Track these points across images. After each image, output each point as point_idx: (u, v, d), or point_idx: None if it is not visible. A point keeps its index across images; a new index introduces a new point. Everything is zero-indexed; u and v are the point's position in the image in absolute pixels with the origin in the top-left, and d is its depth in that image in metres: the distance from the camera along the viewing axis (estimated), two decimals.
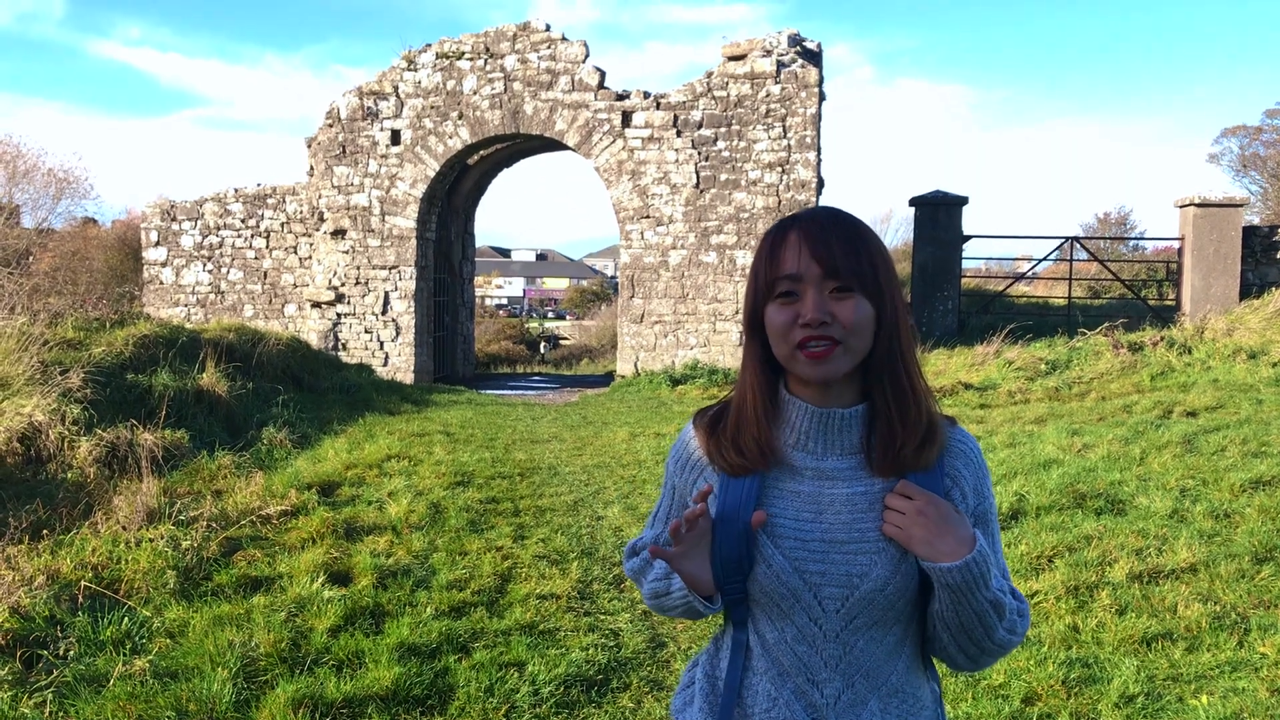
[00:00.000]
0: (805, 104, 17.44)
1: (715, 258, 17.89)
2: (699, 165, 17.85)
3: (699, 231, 17.94)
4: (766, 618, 1.88)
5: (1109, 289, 25.51)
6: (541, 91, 18.27)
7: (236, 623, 5.27)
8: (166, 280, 20.31)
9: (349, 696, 4.49)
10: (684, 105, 17.90)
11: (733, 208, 17.78)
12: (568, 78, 18.17)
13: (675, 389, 16.59)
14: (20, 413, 8.60)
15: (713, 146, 17.79)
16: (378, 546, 6.75)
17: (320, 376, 13.66)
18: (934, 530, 1.78)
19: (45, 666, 4.70)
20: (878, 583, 1.81)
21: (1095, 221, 37.90)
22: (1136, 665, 4.77)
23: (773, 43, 17.99)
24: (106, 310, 13.27)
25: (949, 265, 20.34)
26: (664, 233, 18.10)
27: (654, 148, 18.01)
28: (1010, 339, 16.66)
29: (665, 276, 18.09)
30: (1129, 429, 9.90)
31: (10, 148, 26.03)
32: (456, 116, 18.63)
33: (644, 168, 18.06)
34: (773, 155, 17.55)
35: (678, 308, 18.13)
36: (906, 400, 1.84)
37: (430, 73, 18.72)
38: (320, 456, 9.60)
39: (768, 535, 1.85)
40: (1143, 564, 6.03)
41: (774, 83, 17.51)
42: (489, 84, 18.46)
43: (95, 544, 6.23)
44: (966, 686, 4.66)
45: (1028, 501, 7.41)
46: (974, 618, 1.82)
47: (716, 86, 17.79)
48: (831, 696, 1.85)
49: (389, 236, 19.07)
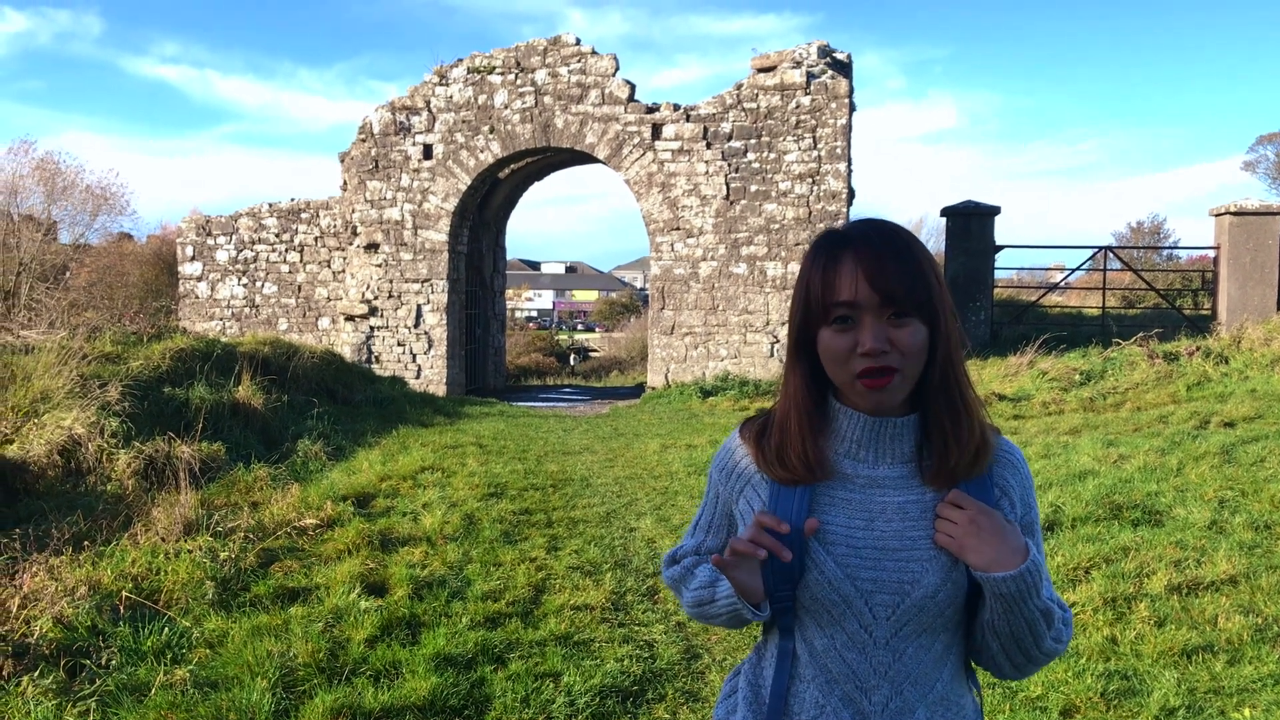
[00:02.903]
0: (835, 115, 17.42)
1: (745, 269, 17.89)
2: (729, 177, 17.86)
3: (729, 243, 17.94)
4: (816, 625, 1.89)
5: (1143, 299, 25.30)
6: (572, 105, 18.35)
7: (275, 633, 5.31)
8: (202, 294, 20.53)
9: (387, 706, 4.51)
10: (714, 117, 17.93)
11: (763, 219, 17.78)
12: (598, 91, 18.24)
13: (706, 400, 16.58)
14: (60, 425, 8.72)
15: (743, 158, 17.81)
16: (413, 557, 6.79)
17: (354, 389, 13.75)
18: (987, 540, 1.79)
19: (88, 675, 4.76)
20: (929, 590, 1.82)
21: (1128, 231, 37.62)
22: (1177, 678, 4.72)
23: (802, 54, 18.00)
24: (143, 324, 13.44)
25: (981, 275, 20.24)
26: (694, 244, 18.11)
27: (684, 160, 18.04)
28: (1044, 349, 16.55)
29: (695, 288, 18.10)
30: (1165, 440, 9.82)
31: (49, 165, 26.38)
32: (488, 130, 18.75)
33: (674, 180, 18.09)
34: (803, 166, 17.54)
35: (708, 319, 18.13)
36: (959, 415, 1.85)
37: (461, 87, 18.85)
38: (355, 468, 9.66)
39: (820, 542, 1.86)
40: (1181, 576, 5.97)
41: (804, 94, 17.51)
42: (520, 98, 18.57)
43: (135, 555, 6.30)
44: (1004, 698, 4.64)
45: (1064, 513, 7.36)
46: (1025, 626, 1.82)
47: (746, 98, 17.81)
48: (880, 704, 1.85)
49: (421, 250, 19.20)
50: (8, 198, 25.69)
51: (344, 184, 19.68)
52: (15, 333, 11.61)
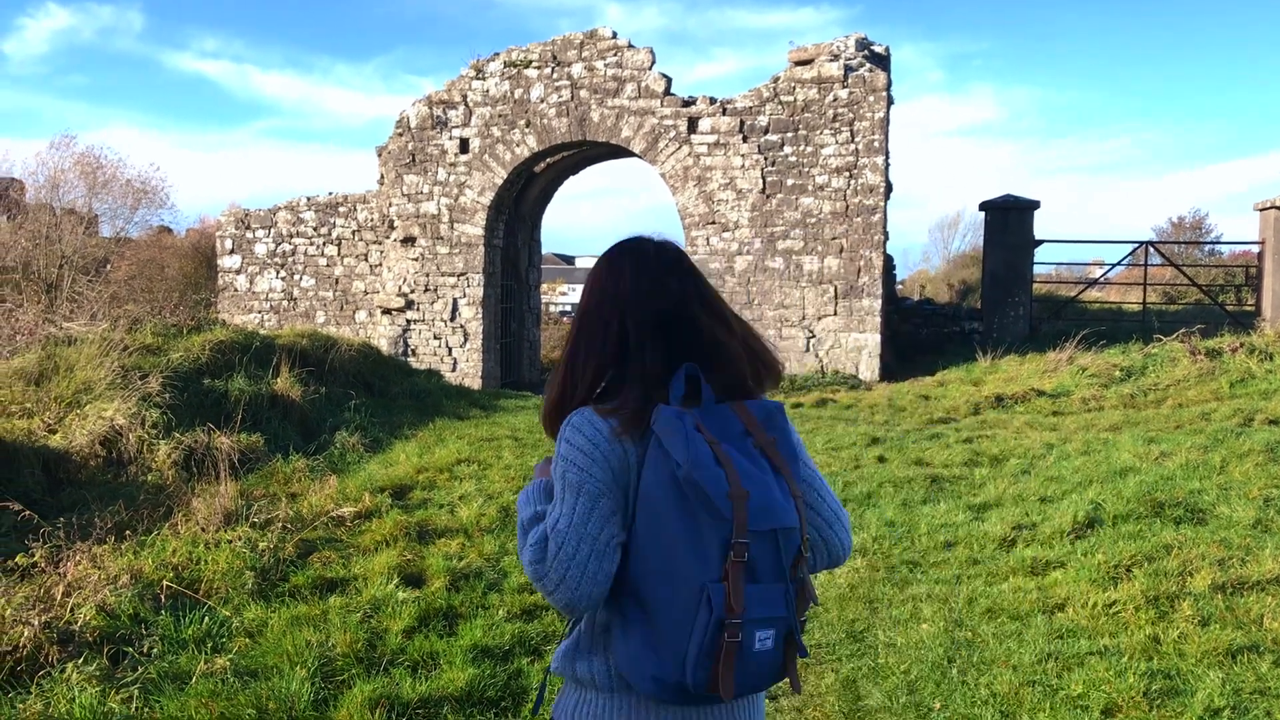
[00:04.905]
0: (873, 108, 17.31)
1: (781, 263, 17.81)
2: (765, 170, 17.79)
3: (765, 237, 17.87)
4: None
5: (1184, 294, 24.98)
6: (608, 99, 18.34)
7: (313, 623, 5.35)
8: (241, 287, 20.71)
9: (424, 697, 4.54)
10: (750, 110, 17.86)
11: (799, 213, 17.69)
12: (634, 84, 18.21)
13: None
14: (102, 416, 8.82)
15: (779, 151, 17.73)
16: (450, 549, 6.82)
17: (390, 382, 13.82)
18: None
19: (130, 663, 4.81)
20: None
21: (1168, 226, 37.11)
22: (1221, 678, 4.65)
23: (840, 47, 17.89)
24: (183, 317, 13.55)
25: (1020, 270, 20.06)
26: (729, 239, 18.06)
27: (720, 153, 17.98)
28: (1083, 345, 16.37)
29: (730, 282, 18.04)
30: (1208, 437, 9.69)
31: (90, 159, 26.66)
32: (524, 124, 18.78)
33: (710, 174, 18.04)
34: (840, 160, 17.44)
35: (743, 314, 18.01)
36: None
37: (498, 81, 18.88)
38: (392, 460, 9.72)
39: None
40: (1225, 574, 5.89)
41: (841, 87, 17.41)
42: (556, 92, 18.58)
43: (176, 545, 6.37)
44: (1045, 696, 4.59)
45: (1104, 510, 7.29)
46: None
47: (783, 91, 17.72)
48: None
49: (457, 244, 19.27)
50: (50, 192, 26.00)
51: (381, 178, 19.78)
52: (58, 324, 11.76)
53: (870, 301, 17.46)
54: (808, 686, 4.91)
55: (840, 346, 17.66)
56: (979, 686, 4.76)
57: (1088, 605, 5.65)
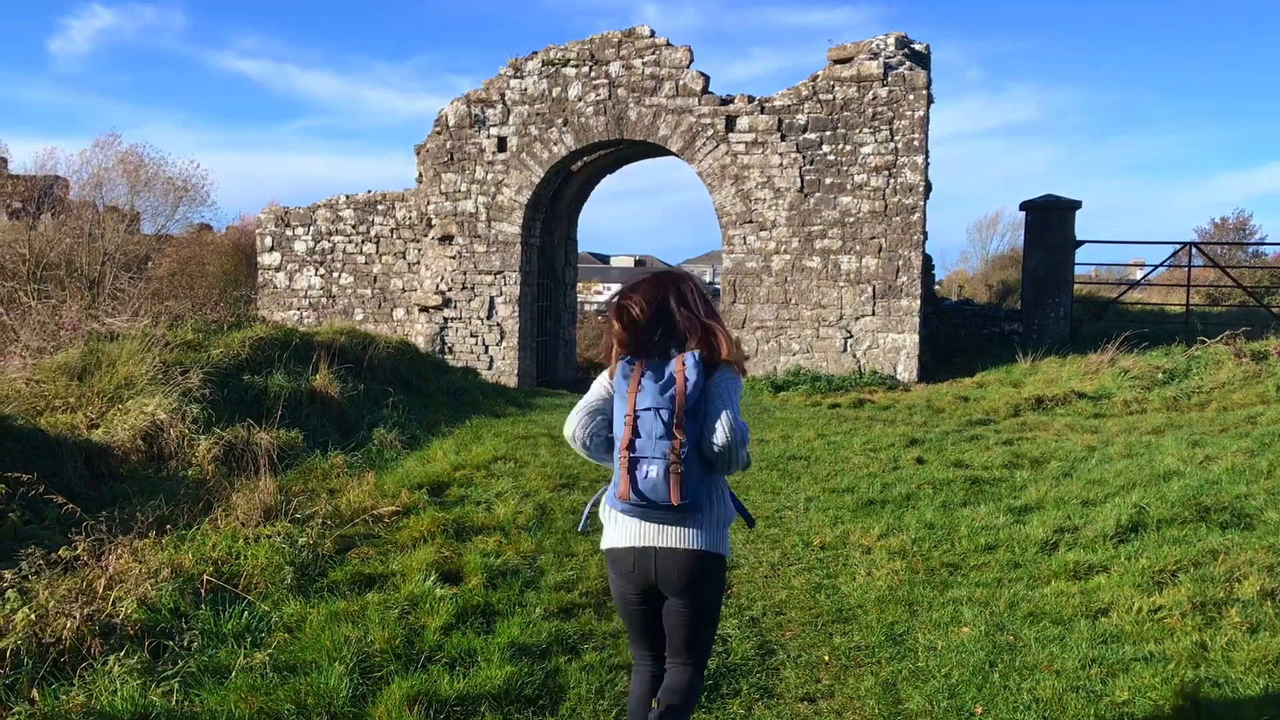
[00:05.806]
0: (913, 107, 17.18)
1: (819, 262, 17.72)
2: (803, 169, 17.70)
3: (802, 236, 17.79)
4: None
5: (1228, 296, 24.63)
6: (645, 97, 18.31)
7: (352, 619, 5.37)
8: (280, 284, 20.87)
9: (462, 694, 4.53)
10: (788, 109, 17.78)
11: (837, 212, 17.59)
12: (671, 83, 18.18)
13: (777, 395, 16.47)
14: (143, 411, 8.90)
15: (817, 150, 17.63)
16: (487, 546, 6.82)
17: (428, 379, 13.86)
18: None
19: (171, 656, 4.84)
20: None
21: (1211, 226, 36.59)
22: (1271, 685, 4.57)
23: (880, 45, 17.77)
24: (223, 313, 13.66)
25: (1060, 271, 19.85)
26: (766, 237, 17.99)
27: (757, 152, 17.92)
28: (1125, 347, 16.18)
29: (768, 282, 17.97)
30: (1254, 441, 9.53)
31: (133, 157, 27.00)
32: (561, 123, 18.79)
33: (747, 172, 17.98)
34: (879, 159, 17.32)
35: (780, 313, 18.00)
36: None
37: (536, 80, 18.91)
38: (429, 457, 9.74)
39: None
40: (1275, 581, 5.78)
41: (881, 85, 17.29)
42: (593, 90, 18.58)
43: (215, 539, 6.40)
44: (1089, 702, 4.52)
45: (1148, 514, 7.18)
46: None
47: (822, 90, 17.63)
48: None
49: (495, 242, 19.31)
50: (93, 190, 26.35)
51: (419, 176, 19.86)
52: (101, 320, 11.87)
53: (908, 301, 17.33)
54: (847, 689, 4.86)
55: (878, 347, 17.54)
56: (1021, 691, 4.70)
57: (1132, 610, 5.57)
